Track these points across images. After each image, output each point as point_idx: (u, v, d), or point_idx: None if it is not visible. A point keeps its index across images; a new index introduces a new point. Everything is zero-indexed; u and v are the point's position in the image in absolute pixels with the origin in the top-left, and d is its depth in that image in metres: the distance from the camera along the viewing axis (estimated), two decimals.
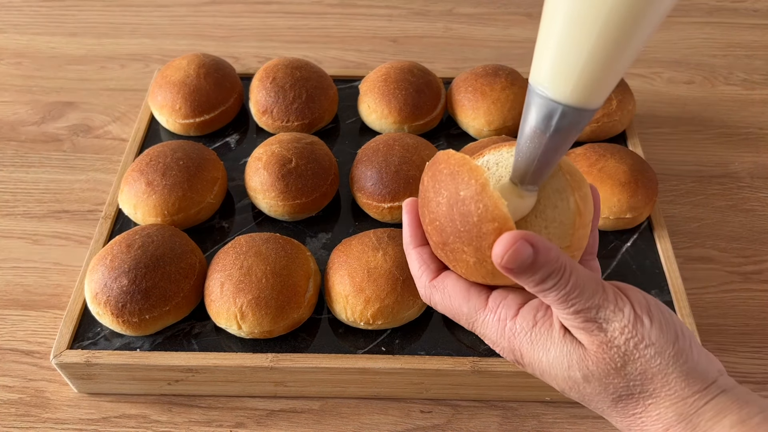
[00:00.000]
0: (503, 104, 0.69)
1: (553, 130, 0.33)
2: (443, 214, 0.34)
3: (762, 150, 0.78)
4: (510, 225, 0.33)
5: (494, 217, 0.33)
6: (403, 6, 1.01)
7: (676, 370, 0.33)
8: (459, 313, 0.38)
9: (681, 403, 0.33)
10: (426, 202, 0.36)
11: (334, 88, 0.74)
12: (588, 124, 0.69)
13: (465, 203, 0.33)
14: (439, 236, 0.36)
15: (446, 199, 0.34)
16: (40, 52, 0.92)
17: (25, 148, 0.78)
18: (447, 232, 0.35)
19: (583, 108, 0.32)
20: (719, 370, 0.34)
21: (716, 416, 0.32)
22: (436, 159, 0.36)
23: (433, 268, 0.39)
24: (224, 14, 1.00)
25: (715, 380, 0.34)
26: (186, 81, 0.71)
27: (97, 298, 0.54)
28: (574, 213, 0.35)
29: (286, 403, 0.56)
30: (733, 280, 0.65)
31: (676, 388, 0.33)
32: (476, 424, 0.55)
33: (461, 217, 0.33)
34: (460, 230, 0.34)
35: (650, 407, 0.34)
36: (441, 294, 0.38)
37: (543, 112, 0.32)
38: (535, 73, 0.32)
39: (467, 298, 0.37)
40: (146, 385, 0.55)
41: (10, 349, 0.60)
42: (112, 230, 0.63)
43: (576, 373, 0.35)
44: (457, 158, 0.34)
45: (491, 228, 0.33)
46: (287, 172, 0.62)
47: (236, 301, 0.53)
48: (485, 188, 0.33)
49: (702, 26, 0.97)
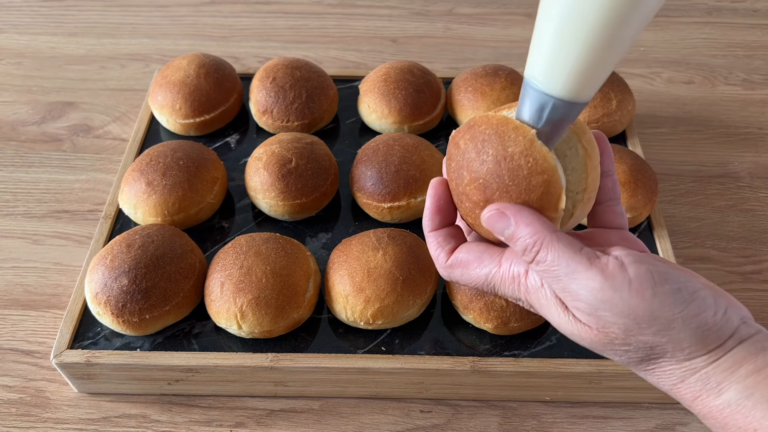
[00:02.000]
0: (503, 104, 0.69)
1: (545, 122, 0.35)
2: (489, 172, 0.36)
3: (762, 150, 0.78)
4: (557, 176, 0.35)
5: (543, 170, 0.35)
6: (403, 6, 1.01)
7: (688, 333, 0.33)
8: (478, 279, 0.39)
9: (695, 359, 0.34)
10: (465, 163, 0.37)
11: (334, 88, 0.74)
12: (587, 124, 0.69)
13: (514, 158, 0.35)
14: (482, 194, 0.37)
15: (492, 157, 0.36)
16: (41, 52, 0.92)
17: (26, 148, 0.78)
18: (492, 188, 0.36)
19: (573, 101, 0.34)
20: (742, 318, 0.34)
21: (731, 367, 0.33)
22: (473, 122, 0.37)
23: (449, 249, 0.40)
24: (224, 14, 1.00)
25: (734, 332, 0.33)
26: (186, 81, 0.71)
27: (97, 297, 0.54)
28: (584, 157, 0.37)
29: (286, 402, 0.56)
30: (733, 280, 0.65)
31: (689, 349, 0.33)
32: (476, 424, 0.55)
33: (510, 172, 0.35)
34: (508, 185, 0.36)
35: (662, 364, 0.34)
36: (459, 269, 0.40)
37: (536, 104, 0.35)
38: (530, 67, 0.34)
39: (481, 263, 0.39)
40: (146, 385, 0.55)
41: (11, 348, 0.60)
42: (112, 230, 0.63)
43: (581, 338, 0.36)
44: (499, 118, 0.36)
45: (541, 180, 0.35)
46: (287, 172, 0.62)
47: (236, 300, 0.53)
48: (533, 143, 0.35)
49: (702, 26, 0.97)
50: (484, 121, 0.36)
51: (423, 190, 0.62)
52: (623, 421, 0.55)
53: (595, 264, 0.34)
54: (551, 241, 0.34)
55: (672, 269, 0.34)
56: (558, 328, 0.37)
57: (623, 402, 0.56)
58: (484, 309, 0.54)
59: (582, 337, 0.35)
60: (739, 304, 0.35)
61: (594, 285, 0.33)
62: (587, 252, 0.34)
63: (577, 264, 0.34)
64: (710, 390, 0.33)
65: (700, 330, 0.33)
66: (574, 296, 0.34)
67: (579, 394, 0.55)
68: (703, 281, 0.35)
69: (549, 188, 0.35)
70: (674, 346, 0.33)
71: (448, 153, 0.39)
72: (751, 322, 0.34)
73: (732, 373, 0.33)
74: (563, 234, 0.35)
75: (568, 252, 0.34)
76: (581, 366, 0.52)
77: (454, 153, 0.39)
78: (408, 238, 0.57)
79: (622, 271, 0.33)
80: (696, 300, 0.33)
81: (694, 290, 0.33)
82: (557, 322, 0.36)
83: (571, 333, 0.36)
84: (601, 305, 0.33)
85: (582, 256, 0.34)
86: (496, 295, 0.45)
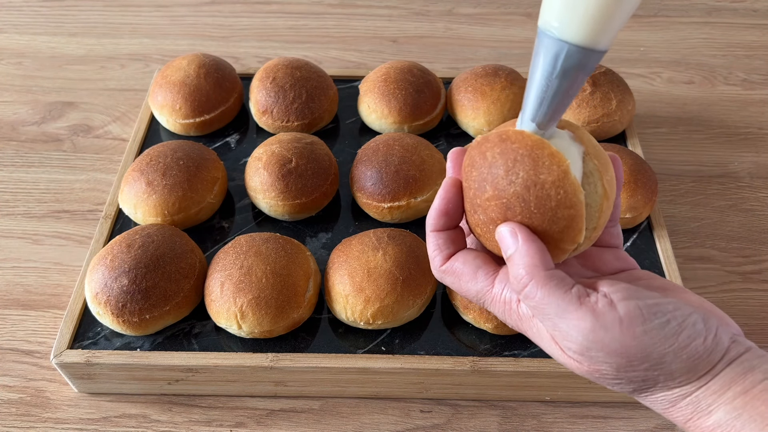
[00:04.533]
0: (503, 104, 0.69)
1: (560, 71, 0.34)
2: (515, 194, 0.35)
3: (762, 150, 0.78)
4: (583, 212, 0.34)
5: (572, 204, 0.34)
6: (403, 6, 1.01)
7: (680, 365, 0.33)
8: (469, 292, 0.39)
9: (686, 386, 0.34)
10: (490, 178, 0.36)
11: (334, 88, 0.74)
12: (587, 124, 0.69)
13: (545, 187, 0.34)
14: (502, 214, 0.36)
15: (522, 180, 0.35)
16: (41, 52, 0.92)
17: (26, 148, 0.78)
18: (515, 211, 0.35)
19: (589, 48, 0.33)
20: (732, 337, 0.34)
21: (720, 389, 0.33)
22: (506, 136, 0.36)
23: (446, 254, 0.40)
24: (224, 14, 1.00)
25: (724, 354, 0.34)
26: (186, 81, 0.71)
27: (97, 297, 0.54)
28: (602, 197, 0.36)
29: (286, 402, 0.56)
30: (733, 280, 0.65)
31: (680, 378, 0.34)
32: (476, 424, 0.55)
33: (538, 200, 0.34)
34: (533, 212, 0.35)
35: (654, 392, 0.35)
36: (451, 277, 0.39)
37: (551, 53, 0.33)
38: (544, 13, 0.34)
39: (475, 279, 0.38)
40: (146, 385, 0.55)
41: (11, 348, 0.60)
42: (112, 230, 0.63)
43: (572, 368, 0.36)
44: (535, 140, 0.35)
45: (567, 214, 0.34)
46: (287, 172, 0.62)
47: (236, 300, 0.53)
48: (567, 175, 0.34)
49: (701, 26, 0.97)
50: (519, 139, 0.35)
51: (423, 190, 0.62)
52: (623, 421, 0.55)
53: (585, 303, 0.33)
54: (543, 278, 0.34)
55: (660, 298, 0.34)
56: (551, 355, 0.37)
57: (623, 402, 0.56)
58: (483, 309, 0.53)
59: (573, 369, 0.36)
60: (729, 321, 0.35)
61: (585, 325, 0.33)
62: (577, 291, 0.34)
63: (567, 304, 0.34)
64: (701, 412, 0.34)
65: (691, 360, 0.33)
66: (564, 335, 0.34)
67: (579, 394, 0.55)
68: (692, 300, 0.35)
69: (573, 223, 0.35)
70: (666, 377, 0.34)
71: (470, 158, 0.38)
72: (741, 339, 0.35)
73: (721, 395, 0.33)
74: (557, 272, 0.35)
75: (558, 292, 0.34)
76: None
77: (478, 162, 0.37)
78: (408, 238, 0.57)
79: (611, 310, 0.33)
80: (686, 329, 0.33)
81: (683, 319, 0.33)
82: (549, 350, 0.36)
83: (563, 363, 0.36)
84: (592, 345, 0.33)
85: (572, 295, 0.34)
86: None
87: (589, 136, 0.37)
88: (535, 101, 0.35)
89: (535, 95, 0.35)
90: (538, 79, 0.34)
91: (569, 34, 0.33)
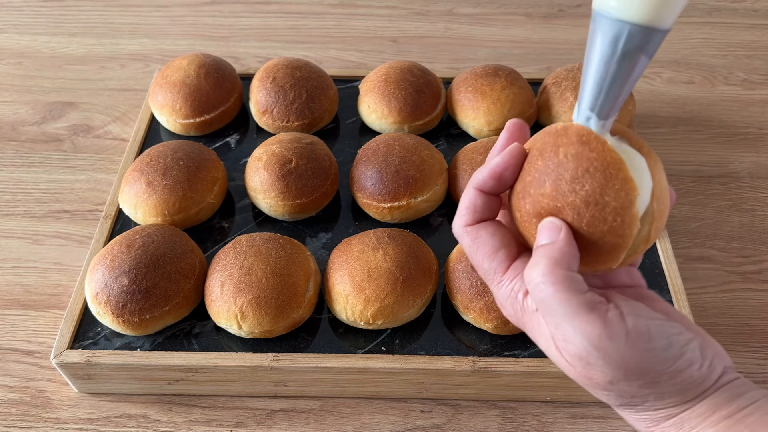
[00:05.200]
0: (503, 104, 0.69)
1: (621, 54, 0.32)
2: (572, 204, 0.34)
3: (762, 150, 0.78)
4: (628, 245, 0.33)
5: (623, 235, 0.33)
6: (403, 6, 1.01)
7: (672, 388, 0.33)
8: (480, 266, 0.38)
9: (673, 408, 0.34)
10: (554, 176, 0.34)
11: (334, 88, 0.74)
12: None
13: (605, 210, 0.33)
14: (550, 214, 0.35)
15: (585, 193, 0.33)
16: (41, 52, 0.92)
17: (26, 148, 0.78)
18: (562, 214, 0.34)
19: (651, 27, 0.31)
20: (725, 368, 0.34)
21: (705, 413, 0.33)
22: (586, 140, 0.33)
23: (477, 217, 0.38)
24: (224, 14, 1.00)
25: (715, 381, 0.34)
26: (186, 81, 0.71)
27: (97, 297, 0.54)
28: (644, 240, 0.34)
29: (286, 402, 0.56)
30: (733, 280, 0.65)
31: (669, 400, 0.34)
32: (476, 424, 0.55)
33: (592, 218, 0.33)
34: (582, 227, 0.34)
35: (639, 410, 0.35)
36: (470, 241, 0.38)
37: (610, 35, 0.32)
38: None
39: (492, 257, 0.37)
40: (146, 385, 0.55)
41: (11, 348, 0.60)
42: (112, 230, 0.63)
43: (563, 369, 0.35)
44: (615, 158, 0.33)
45: (613, 242, 0.33)
46: (287, 172, 0.62)
47: (236, 300, 0.53)
48: (632, 207, 0.32)
49: (701, 26, 0.97)
50: (599, 150, 0.33)
51: (423, 190, 0.62)
52: (623, 421, 0.55)
53: (596, 310, 0.33)
54: (560, 277, 0.33)
55: (665, 321, 0.34)
56: (544, 351, 0.36)
57: None
58: (484, 309, 0.54)
59: (564, 369, 0.35)
60: (723, 353, 0.35)
61: (592, 331, 0.32)
62: (591, 297, 0.33)
63: (577, 307, 0.33)
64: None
65: (684, 384, 0.33)
66: (566, 337, 0.33)
67: (579, 394, 0.55)
68: (693, 328, 0.35)
69: (614, 251, 0.34)
70: (656, 397, 0.34)
71: (542, 144, 0.35)
72: (732, 372, 0.35)
73: (705, 418, 0.33)
74: (575, 275, 0.34)
75: (571, 294, 0.33)
76: None
77: (549, 154, 0.35)
78: (408, 238, 0.57)
79: (621, 322, 0.32)
80: (684, 354, 0.33)
81: (684, 344, 0.33)
82: (544, 346, 0.36)
83: (555, 361, 0.35)
84: (594, 352, 0.32)
85: (584, 299, 0.33)
86: None
87: (661, 171, 0.35)
88: (594, 89, 0.33)
89: (593, 82, 0.33)
90: (595, 65, 0.32)
91: (629, 14, 0.31)
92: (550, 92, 0.72)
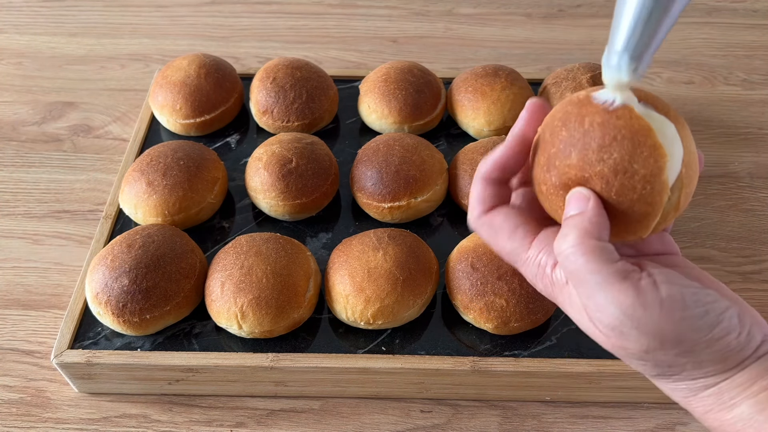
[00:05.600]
0: (503, 104, 0.69)
1: None
2: (600, 174, 0.33)
3: (762, 150, 0.78)
4: (658, 214, 0.33)
5: (652, 202, 0.33)
6: (403, 6, 1.01)
7: (710, 356, 0.33)
8: (503, 250, 0.38)
9: (712, 377, 0.33)
10: (580, 146, 0.34)
11: (334, 88, 0.74)
12: None
13: (634, 178, 0.32)
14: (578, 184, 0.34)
15: (614, 161, 0.32)
16: (41, 53, 0.92)
17: (26, 148, 0.78)
18: (590, 184, 0.34)
19: None
20: (765, 335, 0.34)
21: (745, 383, 0.33)
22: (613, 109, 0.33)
23: (488, 206, 0.38)
24: (224, 14, 1.00)
25: (755, 350, 0.33)
26: (186, 81, 0.71)
27: (97, 297, 0.54)
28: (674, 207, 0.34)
29: (287, 402, 0.56)
30: (733, 280, 0.65)
31: (707, 369, 0.33)
32: (476, 424, 0.55)
33: (621, 187, 0.33)
34: (611, 195, 0.33)
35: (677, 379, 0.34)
36: (488, 228, 0.38)
37: None
38: None
39: (512, 237, 0.37)
40: (147, 385, 0.55)
41: (11, 348, 0.60)
42: (112, 230, 0.63)
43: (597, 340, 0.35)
44: (643, 125, 0.32)
45: (643, 210, 0.33)
46: (287, 172, 0.62)
47: (237, 300, 0.53)
48: (661, 174, 0.32)
49: (701, 26, 0.97)
50: (626, 117, 0.32)
51: (423, 190, 0.62)
52: (623, 421, 0.55)
53: (629, 278, 0.32)
54: (591, 247, 0.33)
55: (700, 288, 0.33)
56: (577, 323, 0.36)
57: (623, 402, 0.56)
58: (484, 309, 0.54)
59: (598, 341, 0.35)
60: (761, 320, 0.34)
61: (625, 300, 0.32)
62: (623, 266, 0.33)
63: (609, 276, 0.32)
64: (723, 404, 0.33)
65: (722, 353, 0.33)
66: (599, 307, 0.33)
67: (579, 394, 0.55)
68: (729, 295, 0.35)
69: (645, 219, 0.33)
70: (694, 366, 0.33)
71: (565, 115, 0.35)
72: None
73: (746, 388, 0.33)
74: (607, 244, 0.33)
75: (602, 263, 0.32)
76: (581, 366, 0.52)
77: (573, 124, 0.34)
78: (408, 238, 0.57)
79: (654, 290, 0.32)
80: (722, 322, 0.33)
81: (720, 311, 0.33)
82: (576, 319, 0.35)
83: (589, 334, 0.35)
84: (627, 322, 0.32)
85: (616, 268, 0.32)
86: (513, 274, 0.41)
87: (689, 137, 0.34)
88: (628, 24, 0.31)
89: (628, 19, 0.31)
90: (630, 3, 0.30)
91: None
92: (550, 92, 0.72)
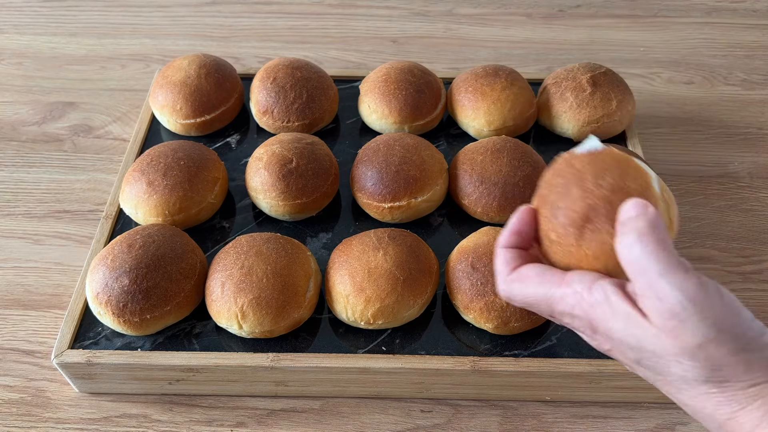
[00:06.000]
0: (503, 104, 0.69)
1: None
2: (602, 197, 0.38)
3: (761, 150, 0.78)
4: None
5: None
6: (403, 6, 1.01)
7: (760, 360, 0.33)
8: (536, 296, 0.39)
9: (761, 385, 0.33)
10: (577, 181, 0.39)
11: (334, 89, 0.74)
12: (587, 124, 0.70)
13: (630, 194, 0.37)
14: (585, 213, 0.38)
15: (609, 185, 0.38)
16: (41, 53, 0.92)
17: (26, 148, 0.78)
18: (599, 212, 0.38)
19: None
20: None
21: None
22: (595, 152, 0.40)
23: (513, 266, 0.41)
24: (224, 14, 1.00)
25: None
26: (187, 81, 0.71)
27: (98, 297, 0.54)
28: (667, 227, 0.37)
29: (287, 402, 0.56)
30: (733, 280, 0.65)
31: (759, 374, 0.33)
32: (476, 424, 0.55)
33: (621, 203, 0.37)
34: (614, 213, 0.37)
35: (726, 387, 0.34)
36: (519, 284, 0.40)
37: None
38: None
39: (542, 279, 0.39)
40: (147, 385, 0.55)
41: (11, 348, 0.60)
42: (113, 230, 0.63)
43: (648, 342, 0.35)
44: (624, 156, 0.39)
45: None
46: (288, 172, 0.62)
47: (237, 300, 0.53)
48: (650, 187, 0.38)
49: (701, 26, 0.97)
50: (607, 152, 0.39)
51: (423, 190, 0.62)
52: (623, 421, 0.55)
53: (692, 272, 0.34)
54: (657, 239, 0.34)
55: None
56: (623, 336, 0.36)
57: (623, 402, 0.56)
58: (484, 309, 0.54)
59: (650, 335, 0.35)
60: None
61: (689, 286, 0.33)
62: (684, 261, 0.35)
63: (674, 265, 0.34)
64: None
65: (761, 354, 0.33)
66: (659, 294, 0.34)
67: (579, 394, 0.55)
68: None
69: None
70: (745, 368, 0.33)
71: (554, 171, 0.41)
72: None
73: None
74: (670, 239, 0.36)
75: (668, 253, 0.34)
76: (581, 366, 0.52)
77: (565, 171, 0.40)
78: (408, 238, 0.57)
79: (715, 284, 0.34)
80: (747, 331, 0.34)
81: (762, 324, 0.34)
82: (623, 328, 0.36)
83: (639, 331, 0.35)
84: (690, 306, 0.33)
85: (679, 259, 0.34)
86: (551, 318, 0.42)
87: None
88: None
89: None
90: None
91: None
92: (550, 92, 0.72)
